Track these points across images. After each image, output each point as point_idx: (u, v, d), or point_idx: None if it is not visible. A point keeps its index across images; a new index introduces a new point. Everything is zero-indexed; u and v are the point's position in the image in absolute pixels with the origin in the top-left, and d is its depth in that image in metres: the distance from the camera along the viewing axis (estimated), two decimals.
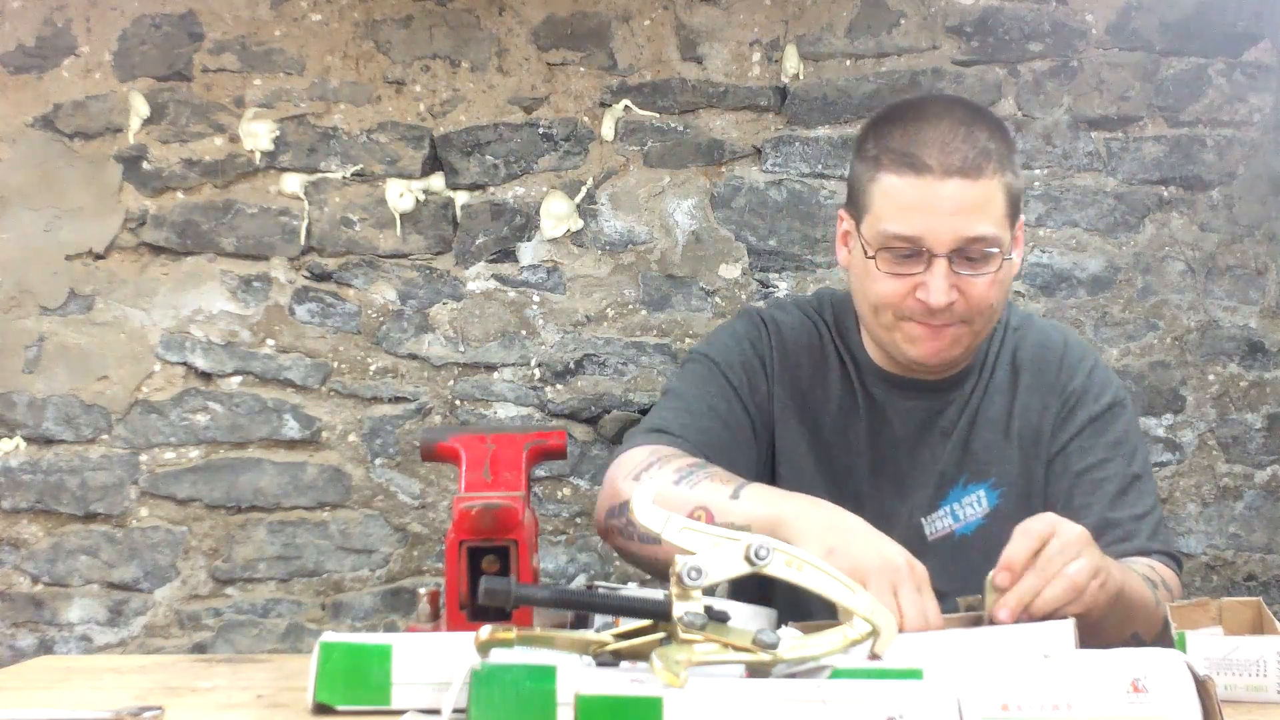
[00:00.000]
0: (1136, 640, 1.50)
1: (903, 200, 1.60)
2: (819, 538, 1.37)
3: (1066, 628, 1.22)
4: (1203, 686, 1.00)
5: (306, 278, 2.52)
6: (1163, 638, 1.51)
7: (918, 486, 1.74)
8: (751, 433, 1.73)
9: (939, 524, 1.74)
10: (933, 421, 1.76)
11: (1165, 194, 2.57)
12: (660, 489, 1.54)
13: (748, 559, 1.05)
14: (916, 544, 1.63)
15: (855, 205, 1.68)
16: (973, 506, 1.74)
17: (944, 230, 1.58)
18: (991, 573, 1.33)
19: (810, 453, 1.75)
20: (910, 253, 1.60)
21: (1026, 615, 1.31)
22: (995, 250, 1.60)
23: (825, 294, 1.87)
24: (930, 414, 1.75)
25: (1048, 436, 1.75)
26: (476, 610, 1.31)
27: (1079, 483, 1.71)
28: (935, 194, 1.58)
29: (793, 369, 1.77)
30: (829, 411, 1.77)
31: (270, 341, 2.51)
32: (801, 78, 2.55)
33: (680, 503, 1.49)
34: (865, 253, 1.64)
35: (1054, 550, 1.33)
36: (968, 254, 1.60)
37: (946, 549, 1.69)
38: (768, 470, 1.75)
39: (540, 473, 2.49)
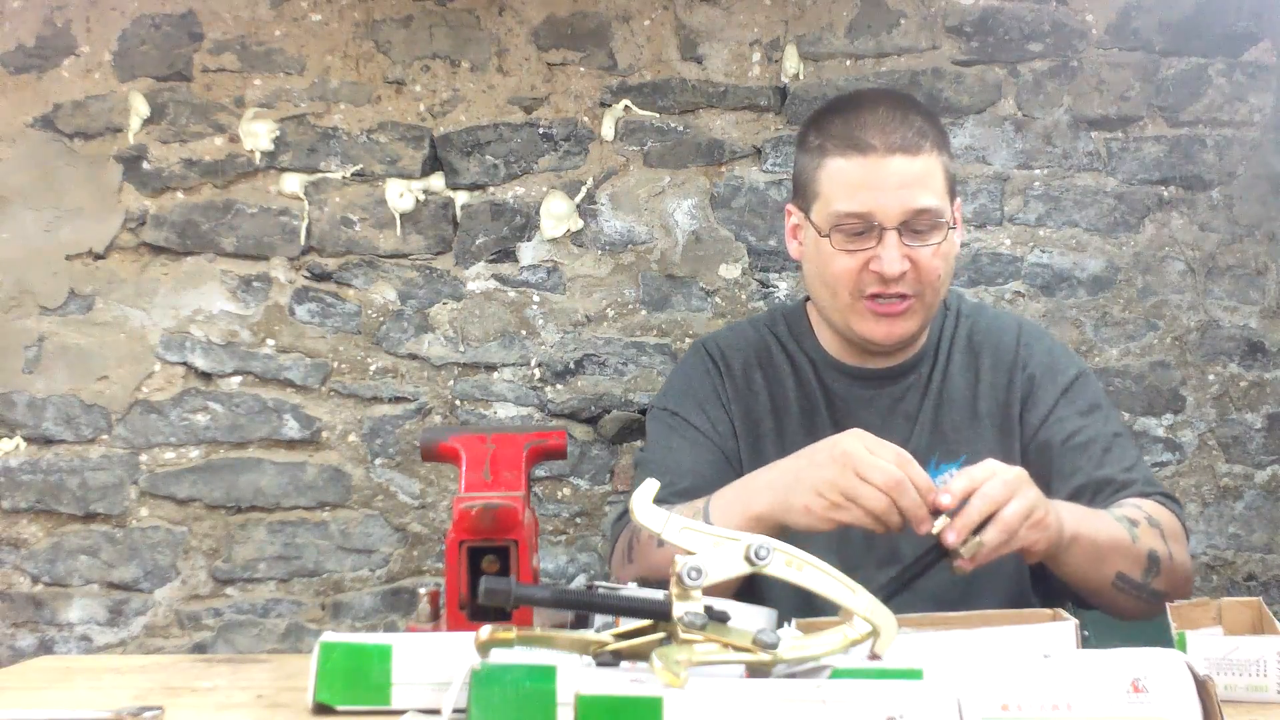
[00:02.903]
0: (1122, 580, 1.59)
1: (851, 179, 1.71)
2: (774, 498, 1.53)
3: (1067, 628, 1.22)
4: (1203, 686, 1.00)
5: (306, 278, 2.52)
6: (1148, 600, 1.57)
7: None
8: (726, 465, 1.83)
9: None
10: (895, 407, 1.85)
11: (1165, 194, 2.57)
12: (650, 559, 1.65)
13: (748, 559, 1.05)
14: None
15: (803, 196, 1.79)
16: None
17: (892, 204, 1.69)
18: (933, 496, 1.44)
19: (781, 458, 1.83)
20: (862, 229, 1.71)
21: (972, 560, 1.41)
22: (941, 221, 1.72)
23: (777, 306, 1.99)
24: (892, 400, 1.85)
25: (1017, 416, 1.84)
26: (476, 610, 1.32)
27: (1062, 452, 1.80)
28: (881, 170, 1.69)
29: (746, 389, 1.87)
30: (791, 415, 1.85)
31: (270, 341, 2.51)
32: (801, 78, 2.55)
33: (666, 559, 1.54)
34: (819, 234, 1.74)
35: (991, 486, 1.42)
36: (915, 226, 1.71)
37: None
38: None
39: (540, 473, 2.49)
